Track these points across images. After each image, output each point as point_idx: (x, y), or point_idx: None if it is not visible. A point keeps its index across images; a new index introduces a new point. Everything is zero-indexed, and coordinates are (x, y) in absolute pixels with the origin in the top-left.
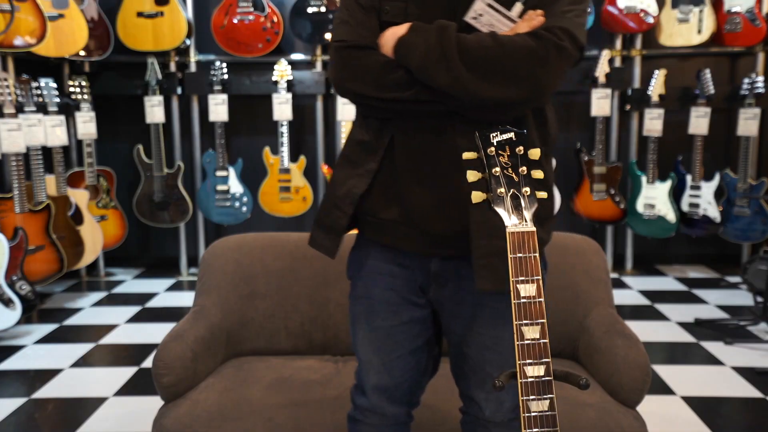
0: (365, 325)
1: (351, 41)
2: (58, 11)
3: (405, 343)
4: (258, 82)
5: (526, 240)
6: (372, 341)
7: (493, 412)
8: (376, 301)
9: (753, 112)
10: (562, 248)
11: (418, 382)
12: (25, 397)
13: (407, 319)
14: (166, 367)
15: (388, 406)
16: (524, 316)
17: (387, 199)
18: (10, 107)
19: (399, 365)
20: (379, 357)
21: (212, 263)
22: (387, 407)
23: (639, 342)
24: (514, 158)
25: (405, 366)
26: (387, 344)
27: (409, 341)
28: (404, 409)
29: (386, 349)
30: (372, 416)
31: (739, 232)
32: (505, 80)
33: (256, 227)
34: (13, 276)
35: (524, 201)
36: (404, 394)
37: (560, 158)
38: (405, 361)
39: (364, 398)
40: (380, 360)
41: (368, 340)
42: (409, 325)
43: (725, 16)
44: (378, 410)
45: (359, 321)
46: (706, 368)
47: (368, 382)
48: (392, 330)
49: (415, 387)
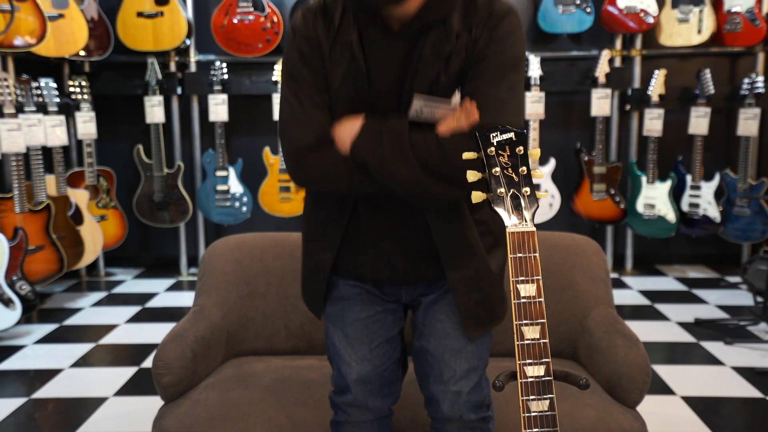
0: (342, 322)
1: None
2: (58, 11)
3: (381, 332)
4: (258, 82)
5: (526, 240)
6: (350, 335)
7: (450, 406)
8: (350, 301)
9: (753, 112)
10: (562, 248)
11: (396, 371)
12: (25, 397)
13: (381, 309)
14: (166, 367)
15: (371, 399)
16: (524, 316)
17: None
18: (10, 107)
19: (378, 354)
20: (359, 349)
21: (212, 263)
22: (370, 400)
23: (639, 342)
24: (514, 158)
25: (384, 354)
26: (365, 335)
27: (384, 329)
28: (386, 402)
29: (365, 340)
30: (356, 411)
31: (739, 232)
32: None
33: (256, 227)
34: (13, 276)
35: (524, 201)
36: (385, 384)
37: (560, 158)
38: (383, 349)
39: (347, 394)
40: (361, 351)
41: (346, 336)
42: (383, 314)
43: (725, 16)
44: (361, 404)
45: (336, 321)
46: (706, 368)
47: (350, 376)
48: (368, 321)
49: (393, 377)
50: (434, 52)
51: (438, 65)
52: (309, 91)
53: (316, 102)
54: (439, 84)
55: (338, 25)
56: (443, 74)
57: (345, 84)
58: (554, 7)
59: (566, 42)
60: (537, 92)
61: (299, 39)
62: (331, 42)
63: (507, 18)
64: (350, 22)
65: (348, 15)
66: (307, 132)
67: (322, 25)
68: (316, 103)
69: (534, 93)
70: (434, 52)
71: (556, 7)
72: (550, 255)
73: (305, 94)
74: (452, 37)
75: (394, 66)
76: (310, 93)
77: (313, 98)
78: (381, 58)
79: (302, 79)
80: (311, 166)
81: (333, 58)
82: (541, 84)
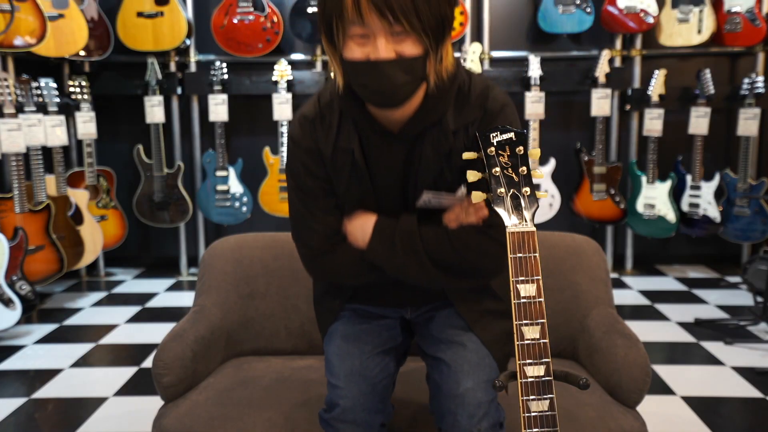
0: (340, 331)
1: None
2: (58, 11)
3: (376, 341)
4: (258, 82)
5: (526, 240)
6: (348, 340)
7: (469, 419)
8: (351, 314)
9: (753, 112)
10: (562, 248)
11: (388, 387)
12: (25, 397)
13: (376, 323)
14: (166, 367)
15: (360, 413)
16: (524, 316)
17: (366, 298)
18: (10, 107)
19: (373, 361)
20: (355, 349)
21: (212, 263)
22: (359, 414)
23: (639, 342)
24: (514, 158)
25: (379, 363)
26: (361, 340)
27: (379, 340)
28: (376, 418)
29: (361, 345)
30: (345, 427)
31: (739, 232)
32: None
33: (256, 227)
34: (13, 276)
35: (524, 201)
36: (376, 398)
37: (560, 158)
38: (379, 358)
39: (336, 409)
40: (357, 352)
41: (345, 341)
42: (378, 327)
43: (725, 16)
44: (350, 418)
45: (334, 332)
46: (706, 368)
47: (339, 387)
48: (362, 332)
49: (385, 393)
50: (434, 151)
51: (439, 162)
52: (317, 199)
53: (324, 207)
54: (443, 179)
55: (337, 132)
56: (447, 170)
57: (350, 187)
58: (554, 7)
59: (566, 42)
60: (537, 92)
61: (301, 152)
62: (331, 149)
63: (501, 114)
64: (349, 128)
65: (346, 121)
66: (319, 237)
67: (321, 133)
68: (325, 208)
69: (534, 93)
70: (434, 151)
71: (556, 7)
72: (550, 255)
73: (314, 203)
74: (450, 136)
75: (397, 165)
76: (318, 200)
77: (321, 204)
78: (383, 161)
79: (309, 189)
80: (327, 267)
81: (336, 165)
82: (541, 84)
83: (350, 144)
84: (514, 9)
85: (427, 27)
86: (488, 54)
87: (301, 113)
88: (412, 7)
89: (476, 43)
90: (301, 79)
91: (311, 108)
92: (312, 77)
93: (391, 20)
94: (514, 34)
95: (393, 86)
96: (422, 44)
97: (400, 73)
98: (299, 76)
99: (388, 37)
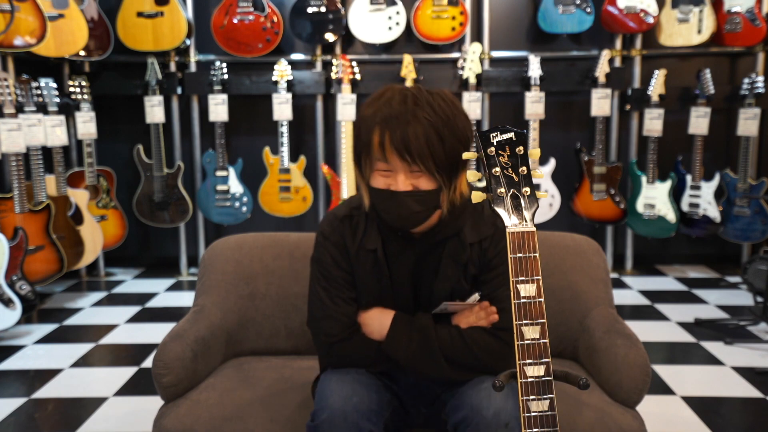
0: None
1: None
2: (58, 11)
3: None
4: (258, 82)
5: (526, 240)
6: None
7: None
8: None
9: (753, 112)
10: (562, 248)
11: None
12: (25, 397)
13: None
14: (166, 367)
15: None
16: (524, 316)
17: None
18: (10, 107)
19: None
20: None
21: (212, 263)
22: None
23: (639, 342)
24: (514, 158)
25: (372, 388)
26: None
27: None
28: (367, 425)
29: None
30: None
31: (739, 232)
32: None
33: (256, 227)
34: (13, 276)
35: (524, 201)
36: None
37: (560, 158)
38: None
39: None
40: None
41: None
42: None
43: (725, 16)
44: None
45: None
46: (706, 368)
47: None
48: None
49: (377, 408)
50: (453, 260)
51: (458, 272)
52: (340, 289)
53: (345, 298)
54: (460, 288)
55: (363, 233)
56: (463, 280)
57: (370, 282)
58: (554, 7)
59: (566, 42)
60: (537, 92)
61: (329, 245)
62: (356, 247)
63: None
64: (374, 231)
65: (372, 225)
66: (338, 326)
67: (349, 232)
68: (346, 299)
69: (534, 93)
70: (453, 260)
71: (556, 7)
72: (550, 255)
73: (337, 292)
74: (467, 247)
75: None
76: (341, 290)
77: (343, 294)
78: (402, 263)
79: (334, 280)
80: (344, 354)
81: (359, 261)
82: (541, 84)
83: (374, 244)
84: (514, 9)
85: (441, 168)
86: (488, 54)
87: (333, 213)
88: (428, 153)
89: (476, 43)
90: (301, 79)
91: (342, 209)
92: (312, 77)
93: (410, 161)
94: (514, 34)
95: (409, 213)
96: (436, 181)
97: (415, 203)
98: (299, 76)
99: (407, 173)
